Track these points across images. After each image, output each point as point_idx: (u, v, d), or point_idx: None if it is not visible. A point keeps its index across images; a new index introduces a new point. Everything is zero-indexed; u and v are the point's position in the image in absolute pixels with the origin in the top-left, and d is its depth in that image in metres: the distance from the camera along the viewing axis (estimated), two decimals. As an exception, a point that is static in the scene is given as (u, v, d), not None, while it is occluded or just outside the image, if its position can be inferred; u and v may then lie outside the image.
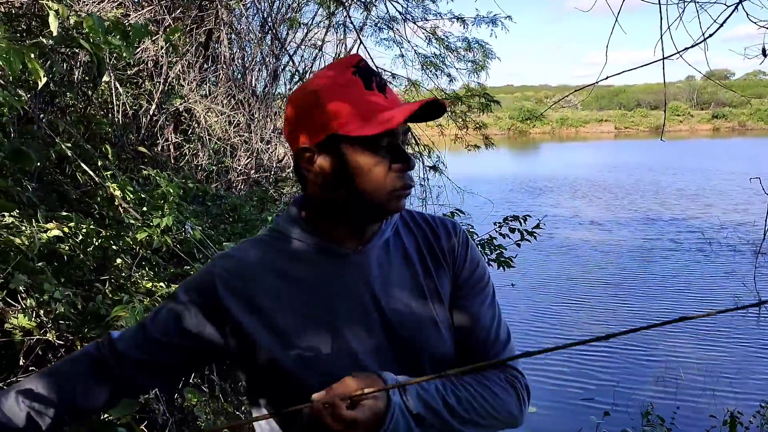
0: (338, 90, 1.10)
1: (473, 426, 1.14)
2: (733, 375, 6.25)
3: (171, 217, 2.40)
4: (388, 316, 1.15)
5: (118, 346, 1.17)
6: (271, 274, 1.15)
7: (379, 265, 1.18)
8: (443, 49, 6.27)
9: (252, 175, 7.29)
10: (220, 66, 7.52)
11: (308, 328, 1.12)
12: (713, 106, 68.02)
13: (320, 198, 1.15)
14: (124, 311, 1.84)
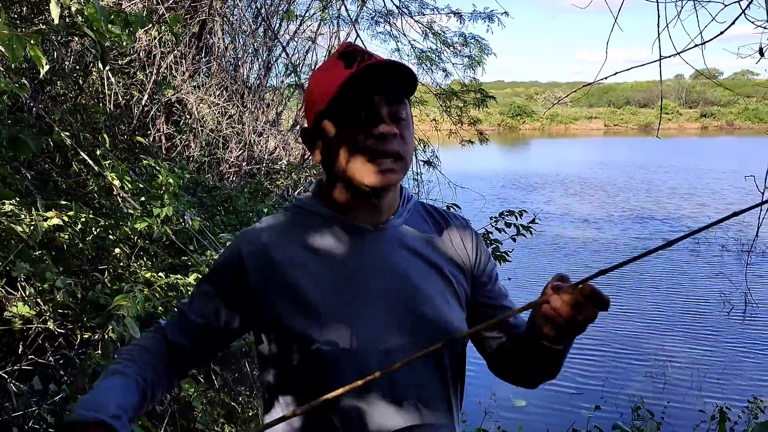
0: (320, 75, 1.18)
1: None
2: (719, 372, 6.31)
3: (171, 207, 2.39)
4: (406, 295, 1.17)
5: (168, 335, 1.21)
6: (296, 246, 1.17)
7: (398, 245, 1.20)
8: (439, 44, 6.26)
9: (244, 167, 7.27)
10: (212, 57, 7.48)
11: (331, 299, 1.13)
12: (702, 105, 68.43)
13: (327, 178, 1.20)
14: (125, 300, 1.84)
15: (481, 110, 6.60)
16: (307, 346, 1.11)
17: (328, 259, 1.16)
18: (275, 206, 4.18)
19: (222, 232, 3.34)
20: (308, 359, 1.12)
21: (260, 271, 1.15)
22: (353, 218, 1.18)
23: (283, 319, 1.13)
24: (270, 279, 1.15)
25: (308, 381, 1.13)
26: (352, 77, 1.09)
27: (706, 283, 9.51)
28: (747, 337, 7.29)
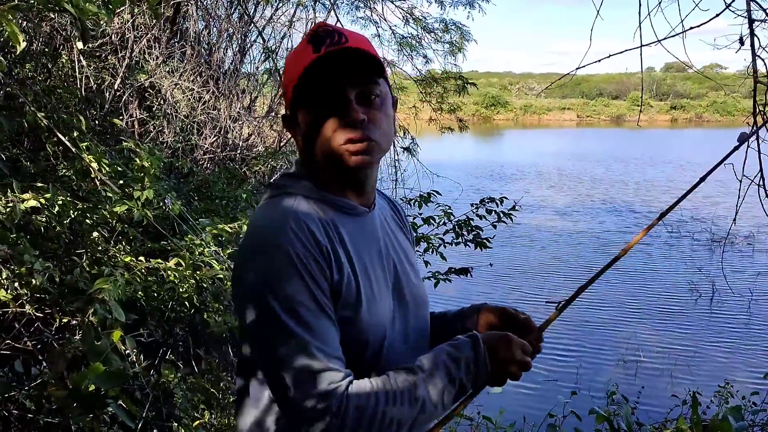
0: (290, 59, 1.16)
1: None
2: (690, 357, 6.44)
3: (152, 190, 2.34)
4: (399, 270, 1.24)
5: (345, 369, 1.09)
6: (330, 233, 1.13)
7: (385, 224, 1.26)
8: (420, 30, 6.24)
9: (218, 154, 7.17)
10: (187, 42, 7.35)
11: (365, 283, 1.15)
12: (672, 98, 69.47)
13: (313, 163, 1.17)
14: (106, 284, 1.80)
15: (462, 97, 6.60)
16: (360, 329, 1.12)
17: (351, 242, 1.15)
18: (254, 192, 4.13)
19: (199, 218, 3.30)
20: (361, 341, 1.13)
21: (330, 259, 1.09)
22: (351, 199, 1.19)
23: (348, 305, 1.11)
24: (337, 266, 1.10)
25: (355, 361, 1.12)
26: (315, 63, 1.08)
27: (676, 272, 9.69)
28: (715, 324, 7.45)
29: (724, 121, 53.17)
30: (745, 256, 10.37)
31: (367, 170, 1.16)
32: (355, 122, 1.10)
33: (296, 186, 1.16)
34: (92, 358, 1.39)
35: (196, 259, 2.42)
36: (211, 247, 2.67)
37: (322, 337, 1.04)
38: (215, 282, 2.47)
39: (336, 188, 1.17)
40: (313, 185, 1.16)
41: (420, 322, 1.29)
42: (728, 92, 51.47)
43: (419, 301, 1.29)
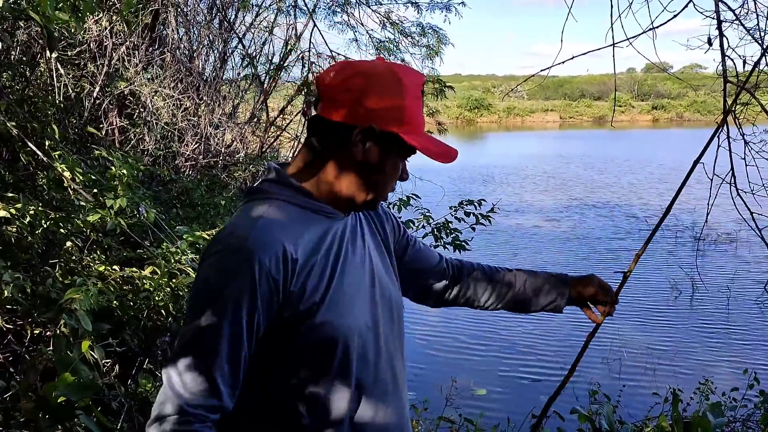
0: (415, 99, 1.20)
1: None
2: (672, 355, 6.50)
3: (125, 199, 2.33)
4: (375, 273, 1.28)
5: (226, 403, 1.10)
6: (303, 239, 1.15)
7: (358, 228, 1.30)
8: (397, 34, 6.26)
9: (200, 160, 7.14)
10: (166, 49, 7.32)
11: (338, 286, 1.18)
12: (653, 98, 70.09)
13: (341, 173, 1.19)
14: (77, 294, 1.78)
15: (438, 102, 6.62)
16: (331, 333, 1.15)
17: (326, 247, 1.19)
18: (233, 199, 4.12)
19: (178, 225, 3.28)
20: (329, 347, 1.15)
21: (288, 276, 1.10)
22: (334, 205, 1.22)
23: (316, 311, 1.14)
24: (301, 277, 1.12)
25: (328, 364, 1.16)
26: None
27: (658, 270, 9.77)
28: (696, 321, 7.52)
29: (705, 121, 53.69)
30: (725, 254, 10.48)
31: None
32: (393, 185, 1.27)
33: (278, 191, 1.18)
34: (61, 369, 1.38)
35: (172, 267, 2.41)
36: (188, 255, 2.66)
37: (231, 361, 1.07)
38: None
39: (322, 196, 1.21)
40: (294, 192, 1.18)
41: (395, 327, 1.32)
42: (708, 92, 52.06)
43: (394, 306, 1.32)
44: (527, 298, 1.58)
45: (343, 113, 1.15)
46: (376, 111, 1.15)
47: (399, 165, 1.22)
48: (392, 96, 1.16)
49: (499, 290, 1.58)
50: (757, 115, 3.37)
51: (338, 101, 1.16)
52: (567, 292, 1.58)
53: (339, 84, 1.15)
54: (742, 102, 3.35)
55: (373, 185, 1.21)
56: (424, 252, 1.54)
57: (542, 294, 1.58)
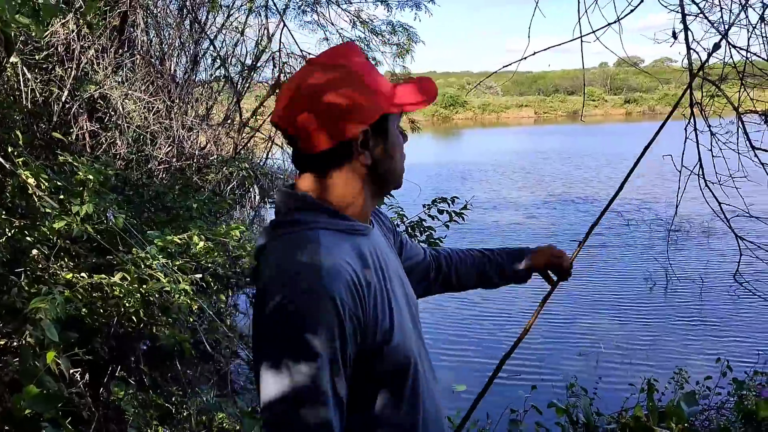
0: (375, 72, 1.17)
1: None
2: (648, 346, 6.58)
3: (91, 204, 2.29)
4: (402, 279, 1.28)
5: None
6: (359, 265, 1.11)
7: (380, 239, 1.28)
8: (368, 33, 6.25)
9: (174, 164, 7.07)
10: (136, 51, 7.23)
11: (394, 307, 1.16)
12: (625, 92, 70.92)
13: (371, 173, 1.17)
14: (43, 303, 1.75)
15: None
16: (402, 355, 1.14)
17: (374, 266, 1.15)
18: (205, 202, 4.09)
19: (150, 230, 3.25)
20: (404, 368, 1.15)
21: (364, 303, 1.07)
22: (360, 220, 1.19)
23: (391, 335, 1.11)
24: (371, 303, 1.09)
25: (402, 387, 1.15)
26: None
27: (633, 263, 9.89)
28: (670, 312, 7.62)
29: (676, 114, 54.34)
30: (699, 245, 10.64)
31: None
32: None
33: (315, 219, 1.12)
34: (25, 380, 1.35)
35: (143, 272, 2.38)
36: (159, 260, 2.63)
37: (338, 405, 1.03)
38: (162, 295, 2.43)
39: (348, 211, 1.17)
40: (329, 216, 1.13)
41: (419, 327, 1.30)
42: (679, 85, 52.63)
43: (416, 307, 1.32)
44: (493, 276, 1.72)
45: (327, 139, 1.11)
46: (356, 114, 1.11)
47: (399, 133, 1.22)
48: (352, 87, 1.11)
49: (470, 274, 1.69)
50: (723, 107, 3.42)
51: (312, 132, 1.10)
52: (528, 263, 1.72)
53: (300, 116, 1.10)
54: (710, 94, 3.40)
55: (394, 166, 1.20)
56: (413, 249, 1.58)
57: (506, 270, 1.72)
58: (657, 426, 3.56)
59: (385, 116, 1.15)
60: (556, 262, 1.75)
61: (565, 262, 1.76)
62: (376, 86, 1.14)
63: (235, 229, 3.53)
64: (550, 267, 1.76)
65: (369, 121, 1.12)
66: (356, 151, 1.13)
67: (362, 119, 1.11)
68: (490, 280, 1.73)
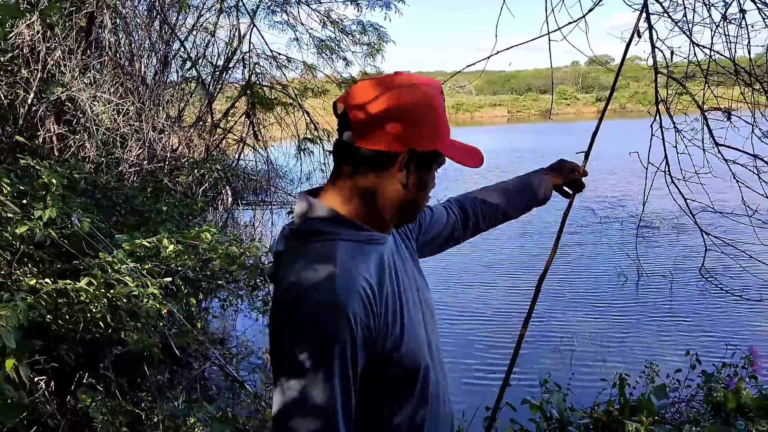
0: (443, 110, 1.22)
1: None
2: (620, 341, 6.66)
3: (55, 209, 2.25)
4: (418, 284, 1.30)
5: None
6: (374, 273, 1.15)
7: (396, 245, 1.30)
8: (338, 33, 6.23)
9: (145, 166, 6.98)
10: (104, 52, 7.13)
11: (406, 313, 1.20)
12: (597, 90, 71.75)
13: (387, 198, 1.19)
14: (4, 310, 1.71)
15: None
16: (411, 362, 1.17)
17: (388, 275, 1.19)
18: (176, 204, 4.04)
19: (118, 233, 3.20)
20: (413, 373, 1.19)
21: (376, 312, 1.11)
22: (378, 230, 1.22)
23: (400, 342, 1.15)
24: (382, 312, 1.13)
25: (411, 392, 1.20)
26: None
27: (605, 259, 10.01)
28: (641, 307, 7.72)
29: (645, 111, 55.12)
30: (668, 240, 10.80)
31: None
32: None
33: (335, 230, 1.16)
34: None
35: (110, 277, 2.34)
36: (127, 264, 2.59)
37: (346, 414, 1.07)
38: (130, 300, 2.40)
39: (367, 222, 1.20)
40: (349, 227, 1.17)
41: (436, 333, 1.34)
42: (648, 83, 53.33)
43: (433, 312, 1.35)
44: (519, 208, 1.81)
45: (382, 141, 1.14)
46: (415, 133, 1.15)
47: (430, 177, 1.24)
48: (427, 114, 1.17)
49: (495, 214, 1.76)
50: (688, 105, 3.47)
51: (375, 129, 1.14)
52: (548, 185, 1.85)
53: (373, 111, 1.14)
54: (678, 92, 3.45)
55: (419, 202, 1.24)
56: (436, 216, 1.58)
57: (529, 200, 1.82)
58: (628, 419, 3.61)
59: (436, 153, 1.20)
60: (573, 177, 1.90)
61: (579, 174, 1.91)
62: (441, 127, 1.20)
63: (205, 231, 3.49)
64: (566, 183, 1.90)
65: (422, 148, 1.17)
66: (399, 164, 1.16)
67: (418, 143, 1.16)
68: (517, 211, 1.81)
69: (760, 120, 3.37)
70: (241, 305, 4.30)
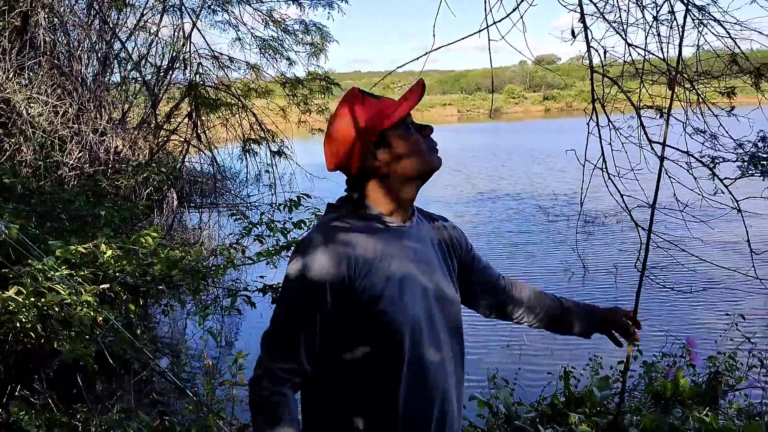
0: (368, 102, 1.50)
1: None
2: (567, 336, 6.78)
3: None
4: (431, 274, 1.51)
5: (306, 368, 1.40)
6: (368, 244, 1.42)
7: (418, 238, 1.54)
8: (281, 32, 6.17)
9: (87, 170, 6.77)
10: (40, 52, 6.89)
11: (394, 284, 1.41)
12: (544, 89, 73.17)
13: (388, 179, 1.49)
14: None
15: (326, 98, 6.59)
16: (388, 324, 1.38)
17: (384, 251, 1.43)
18: (115, 208, 3.93)
19: (54, 240, 3.09)
20: (388, 332, 1.39)
21: (357, 269, 1.38)
22: (392, 219, 1.49)
23: (378, 302, 1.38)
24: (365, 273, 1.38)
25: (383, 350, 1.39)
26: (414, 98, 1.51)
27: (552, 254, 10.20)
28: (588, 300, 7.89)
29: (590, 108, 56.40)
30: (613, 236, 11.08)
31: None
32: (430, 131, 1.54)
33: (343, 205, 1.51)
34: None
35: (40, 285, 2.26)
36: (60, 271, 2.51)
37: (310, 335, 1.38)
38: (63, 308, 2.31)
39: (383, 211, 1.49)
40: (354, 205, 1.49)
41: (448, 323, 1.53)
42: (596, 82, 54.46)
43: (451, 307, 1.54)
44: (562, 324, 1.87)
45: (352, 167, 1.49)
46: (355, 145, 1.47)
47: (408, 135, 1.49)
48: (350, 127, 1.48)
49: (540, 314, 1.84)
50: (624, 103, 3.55)
51: (344, 166, 1.51)
52: (596, 321, 1.86)
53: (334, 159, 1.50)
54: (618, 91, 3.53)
55: (407, 166, 1.48)
56: (487, 269, 1.76)
57: (575, 322, 1.85)
58: (573, 412, 3.68)
59: (383, 132, 1.46)
60: (625, 326, 1.85)
61: (631, 326, 1.86)
62: (367, 114, 1.48)
63: (146, 235, 3.41)
64: (617, 330, 1.87)
65: (369, 143, 1.46)
66: (372, 166, 1.47)
67: (365, 144, 1.46)
68: (560, 327, 1.87)
69: (692, 118, 3.49)
70: (182, 311, 4.20)
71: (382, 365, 1.41)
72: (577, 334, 1.89)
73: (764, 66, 3.27)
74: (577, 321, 1.85)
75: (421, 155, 1.50)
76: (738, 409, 3.64)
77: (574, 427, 3.36)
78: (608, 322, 1.86)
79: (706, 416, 3.27)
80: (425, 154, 1.50)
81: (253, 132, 6.86)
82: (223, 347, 6.22)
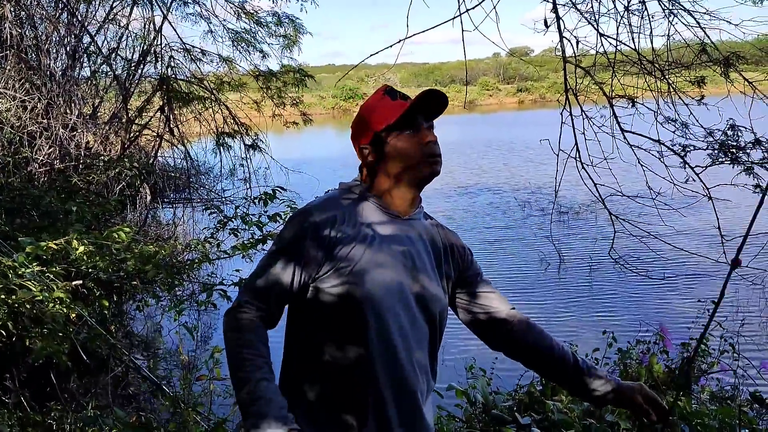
0: (373, 105, 1.66)
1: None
2: (544, 324, 6.83)
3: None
4: (415, 265, 1.58)
5: (272, 309, 1.55)
6: (356, 217, 1.57)
7: (416, 233, 1.64)
8: (253, 25, 6.10)
9: (57, 165, 6.65)
10: (6, 46, 6.74)
11: (372, 258, 1.52)
12: (517, 81, 73.50)
13: (382, 173, 1.62)
14: None
15: (312, 95, 6.54)
16: (353, 299, 1.48)
17: (373, 230, 1.56)
18: (88, 204, 3.86)
19: (24, 236, 3.03)
20: (351, 305, 1.48)
21: (337, 238, 1.51)
22: (389, 206, 1.62)
23: (347, 273, 1.49)
24: (344, 244, 1.51)
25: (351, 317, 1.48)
26: (412, 106, 1.59)
27: (528, 245, 10.28)
28: (563, 290, 7.99)
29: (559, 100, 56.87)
30: (587, 224, 11.21)
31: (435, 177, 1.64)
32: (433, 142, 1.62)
33: (344, 184, 1.67)
34: None
35: (10, 282, 2.22)
36: (31, 267, 2.46)
37: (280, 282, 1.51)
38: (34, 305, 2.27)
39: (388, 197, 1.63)
40: (353, 185, 1.65)
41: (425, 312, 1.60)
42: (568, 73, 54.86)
43: (428, 296, 1.60)
44: (572, 383, 1.72)
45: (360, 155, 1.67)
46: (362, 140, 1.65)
47: (406, 140, 1.60)
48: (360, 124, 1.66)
49: (551, 366, 1.76)
50: (597, 94, 3.58)
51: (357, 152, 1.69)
52: (611, 394, 1.67)
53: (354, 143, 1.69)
54: (591, 82, 3.56)
55: (402, 166, 1.59)
56: (494, 296, 1.78)
57: (587, 385, 1.69)
58: (549, 399, 3.72)
59: (377, 133, 1.61)
60: (646, 410, 1.64)
61: (656, 409, 1.64)
62: (370, 114, 1.64)
63: (118, 230, 3.36)
64: (640, 410, 1.65)
65: (365, 141, 1.63)
66: (366, 161, 1.64)
67: (361, 141, 1.65)
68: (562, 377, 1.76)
69: (663, 107, 3.53)
70: (157, 307, 4.15)
71: (348, 333, 1.50)
72: (586, 400, 1.80)
73: (733, 56, 3.32)
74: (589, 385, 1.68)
75: (410, 161, 1.60)
76: (710, 394, 3.71)
77: (551, 414, 3.39)
78: (627, 401, 1.66)
79: (680, 401, 3.33)
80: (415, 160, 1.60)
81: (226, 126, 6.80)
82: (200, 342, 6.18)
